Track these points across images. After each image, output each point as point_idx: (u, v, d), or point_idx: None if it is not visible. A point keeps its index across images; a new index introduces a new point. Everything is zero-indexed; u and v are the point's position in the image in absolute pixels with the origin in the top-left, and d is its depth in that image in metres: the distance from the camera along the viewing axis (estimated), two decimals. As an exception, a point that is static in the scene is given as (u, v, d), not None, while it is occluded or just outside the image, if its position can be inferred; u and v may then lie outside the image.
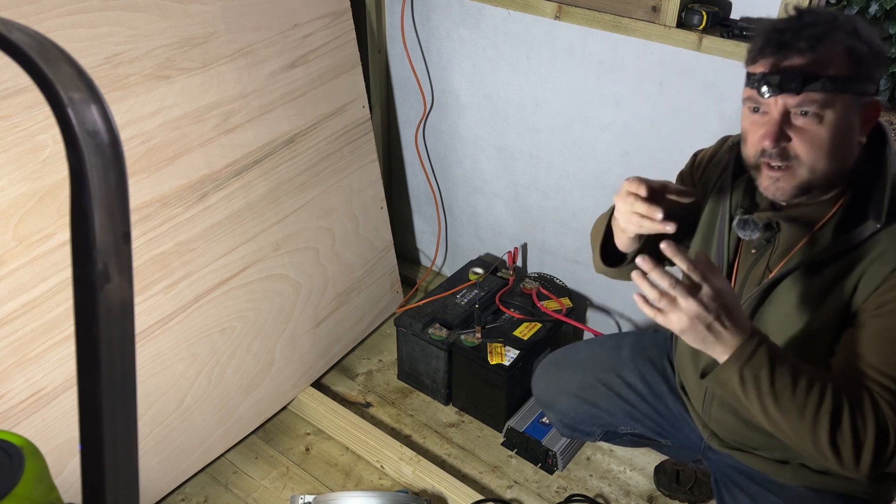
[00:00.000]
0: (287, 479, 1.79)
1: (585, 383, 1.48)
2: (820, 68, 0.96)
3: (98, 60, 1.40)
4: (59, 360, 1.42)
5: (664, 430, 1.44)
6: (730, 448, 1.29)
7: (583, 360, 1.52)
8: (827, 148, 0.98)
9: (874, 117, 1.02)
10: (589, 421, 1.49)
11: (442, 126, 2.17)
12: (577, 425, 1.51)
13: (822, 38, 0.96)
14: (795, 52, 0.96)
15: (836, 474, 1.18)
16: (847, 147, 1.00)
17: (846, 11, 3.84)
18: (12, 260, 1.33)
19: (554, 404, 1.53)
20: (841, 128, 0.98)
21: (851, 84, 0.97)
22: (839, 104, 0.97)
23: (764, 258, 1.15)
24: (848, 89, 0.97)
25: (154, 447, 1.62)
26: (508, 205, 2.15)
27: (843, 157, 1.01)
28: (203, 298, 1.66)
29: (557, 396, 1.52)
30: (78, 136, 0.41)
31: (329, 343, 2.04)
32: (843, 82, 0.96)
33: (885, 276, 0.98)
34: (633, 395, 1.45)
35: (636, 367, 1.46)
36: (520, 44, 1.86)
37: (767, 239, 1.14)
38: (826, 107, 0.97)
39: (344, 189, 1.99)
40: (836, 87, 0.96)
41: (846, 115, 0.98)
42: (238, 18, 1.63)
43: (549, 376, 1.55)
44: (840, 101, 0.97)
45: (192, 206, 1.60)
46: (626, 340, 1.52)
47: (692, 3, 1.54)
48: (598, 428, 1.50)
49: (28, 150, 1.32)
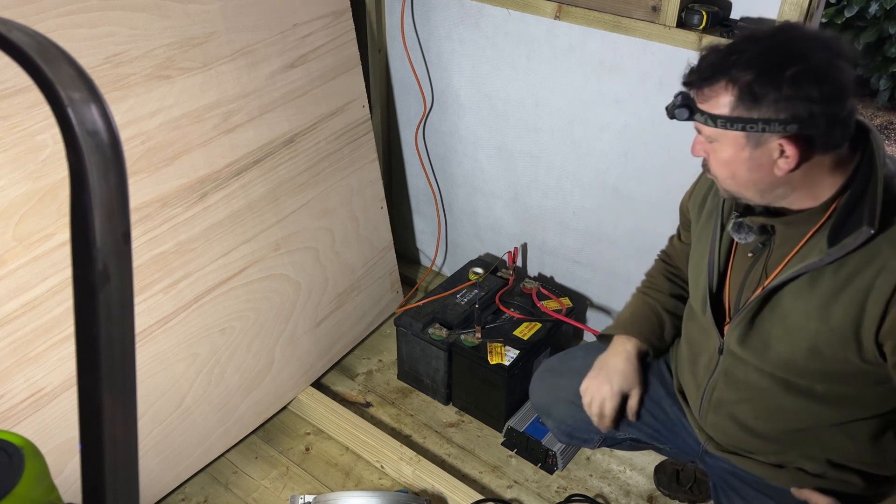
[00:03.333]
0: (287, 479, 1.79)
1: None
2: (705, 103, 1.00)
3: (98, 60, 1.40)
4: (59, 360, 1.42)
5: (661, 434, 1.44)
6: (726, 452, 1.29)
7: (579, 367, 1.50)
8: (733, 171, 1.02)
9: (802, 151, 0.97)
10: (587, 428, 1.48)
11: (442, 126, 2.17)
12: (575, 432, 1.51)
13: (713, 75, 0.99)
14: (692, 85, 1.02)
15: (831, 477, 1.18)
16: (764, 174, 1.00)
17: (846, 11, 3.83)
18: (12, 260, 1.33)
19: (552, 412, 1.52)
20: (736, 160, 1.01)
21: (735, 123, 0.97)
22: (726, 139, 1.00)
23: (760, 261, 1.14)
24: (732, 128, 0.98)
25: (154, 447, 1.62)
26: (508, 205, 2.15)
27: (759, 181, 1.02)
28: (203, 298, 1.66)
29: (555, 404, 1.51)
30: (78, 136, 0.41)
31: (329, 343, 2.04)
32: (724, 121, 0.98)
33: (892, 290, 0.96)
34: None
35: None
36: (520, 44, 1.86)
37: (763, 242, 1.13)
38: (713, 139, 1.02)
39: (344, 189, 1.99)
40: (719, 125, 0.99)
41: (739, 149, 1.00)
42: (238, 18, 1.63)
43: (546, 384, 1.54)
44: (726, 136, 1.00)
45: (192, 206, 1.60)
46: None
47: (692, 3, 1.54)
48: (596, 434, 1.49)
49: (28, 150, 1.32)
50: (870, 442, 1.15)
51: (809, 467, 1.20)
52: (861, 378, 1.08)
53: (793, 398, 1.15)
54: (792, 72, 0.92)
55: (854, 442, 1.14)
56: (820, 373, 1.10)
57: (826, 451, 1.18)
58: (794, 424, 1.18)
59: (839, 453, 1.17)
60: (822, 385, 1.12)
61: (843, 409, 1.13)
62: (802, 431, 1.18)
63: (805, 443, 1.19)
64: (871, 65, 4.02)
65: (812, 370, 1.10)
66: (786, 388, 1.15)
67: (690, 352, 1.34)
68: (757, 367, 1.17)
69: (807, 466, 1.20)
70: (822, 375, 1.10)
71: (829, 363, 1.07)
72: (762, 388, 1.18)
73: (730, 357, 1.21)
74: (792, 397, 1.15)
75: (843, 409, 1.13)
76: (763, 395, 1.18)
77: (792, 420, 1.17)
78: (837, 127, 0.96)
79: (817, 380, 1.11)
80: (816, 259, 1.02)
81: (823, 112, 0.94)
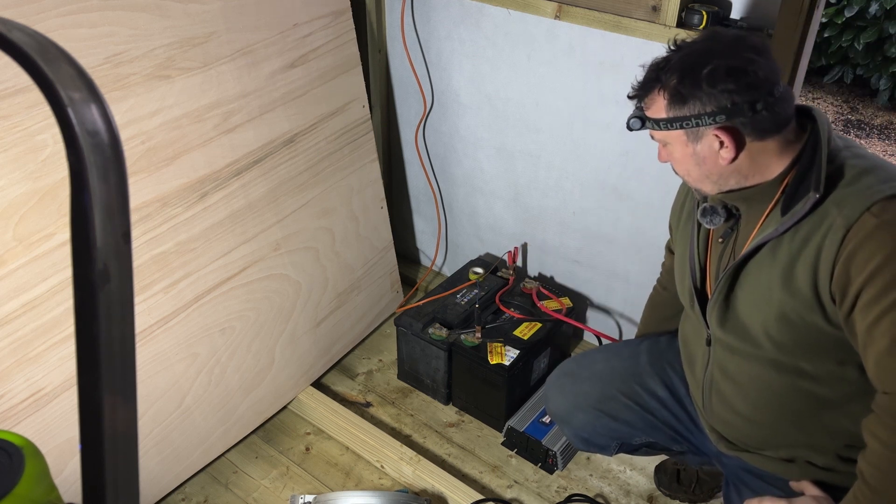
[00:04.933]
0: (287, 479, 1.79)
1: (605, 395, 1.47)
2: (647, 110, 1.12)
3: (98, 60, 1.40)
4: (59, 360, 1.42)
5: (681, 435, 1.45)
6: (737, 450, 1.30)
7: (600, 372, 1.50)
8: (687, 168, 1.13)
9: (737, 139, 1.07)
10: (606, 434, 1.48)
11: (442, 126, 2.17)
12: (593, 439, 1.50)
13: (647, 86, 1.11)
14: (634, 98, 1.15)
15: (840, 471, 1.19)
16: (711, 165, 1.10)
17: (846, 11, 3.83)
18: (12, 260, 1.33)
19: (571, 419, 1.51)
20: (686, 156, 1.11)
21: (674, 122, 1.08)
22: (672, 140, 1.11)
23: (730, 245, 1.20)
24: (672, 127, 1.08)
25: (154, 447, 1.62)
26: (508, 204, 2.15)
27: (710, 173, 1.11)
28: (203, 298, 1.66)
29: (574, 411, 1.50)
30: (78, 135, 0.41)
31: (329, 343, 2.04)
32: (665, 123, 1.09)
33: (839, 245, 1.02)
34: (654, 402, 1.45)
35: (656, 373, 1.46)
36: (520, 43, 1.85)
37: (731, 227, 1.19)
38: (665, 143, 1.14)
39: (344, 189, 1.99)
40: (661, 127, 1.10)
41: (684, 146, 1.10)
42: (238, 18, 1.63)
43: (565, 390, 1.53)
44: (671, 137, 1.11)
45: (192, 206, 1.60)
46: (643, 347, 1.52)
47: (692, 3, 1.54)
48: (614, 441, 1.49)
49: (28, 150, 1.32)
50: None
51: (819, 461, 1.21)
52: (838, 349, 1.10)
53: (785, 380, 1.17)
54: (708, 70, 1.03)
55: (855, 423, 1.15)
56: (798, 346, 1.13)
57: (832, 438, 1.19)
58: (792, 408, 1.19)
59: (845, 439, 1.18)
60: (807, 363, 1.14)
61: (835, 388, 1.15)
62: (803, 417, 1.19)
63: (807, 430, 1.20)
64: (871, 65, 4.02)
65: (788, 343, 1.13)
66: (776, 369, 1.17)
67: (687, 352, 1.37)
68: (743, 352, 1.20)
69: (816, 460, 1.21)
70: (802, 349, 1.13)
71: (802, 333, 1.11)
72: (754, 377, 1.20)
73: (718, 346, 1.24)
74: (783, 379, 1.17)
75: (834, 387, 1.15)
76: (756, 383, 1.20)
77: (789, 404, 1.19)
78: (763, 113, 1.04)
79: (799, 355, 1.14)
80: (773, 229, 1.08)
81: (744, 101, 1.03)
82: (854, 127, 4.01)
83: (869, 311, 1.00)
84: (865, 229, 0.99)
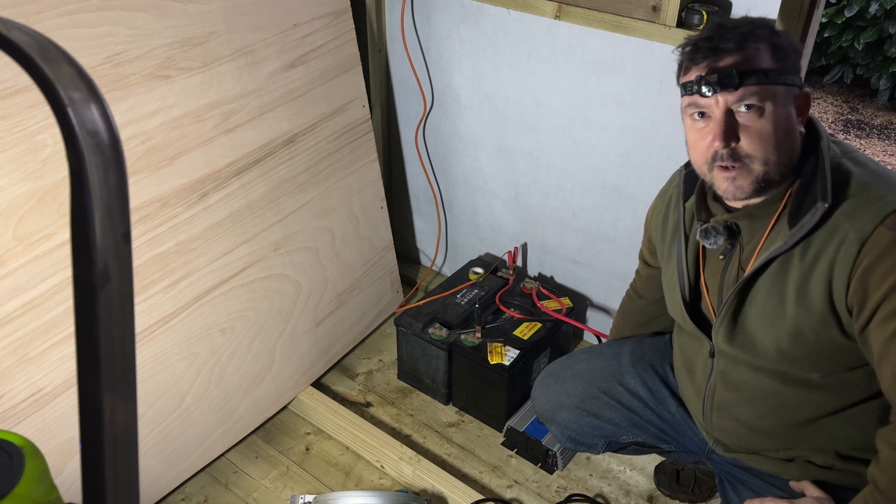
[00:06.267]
0: (287, 479, 1.79)
1: (587, 394, 1.48)
2: (751, 63, 1.02)
3: (98, 60, 1.39)
4: (59, 360, 1.42)
5: (667, 434, 1.45)
6: (735, 452, 1.30)
7: (582, 371, 1.51)
8: (774, 139, 1.03)
9: (807, 107, 1.08)
10: (592, 433, 1.48)
11: (442, 126, 2.17)
12: (580, 437, 1.51)
13: (748, 36, 1.03)
14: (726, 53, 1.03)
15: (841, 469, 1.19)
16: (791, 136, 1.05)
17: (846, 11, 3.83)
18: (12, 260, 1.33)
19: (556, 418, 1.52)
20: (781, 117, 1.04)
21: (781, 76, 1.03)
22: (775, 95, 1.03)
23: (734, 260, 1.17)
24: (779, 80, 1.03)
25: (154, 447, 1.62)
26: (508, 204, 2.15)
27: (789, 146, 1.06)
28: (203, 298, 1.66)
29: (559, 410, 1.51)
30: (78, 135, 0.41)
31: (329, 343, 2.04)
32: (774, 74, 1.03)
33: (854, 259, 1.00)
34: (635, 401, 1.45)
35: (637, 373, 1.46)
36: (520, 43, 1.86)
37: (732, 244, 1.17)
38: (765, 98, 1.02)
39: (344, 189, 1.99)
40: (770, 80, 1.02)
41: (783, 105, 1.04)
42: (238, 18, 1.63)
43: (550, 389, 1.54)
44: (775, 92, 1.03)
45: (192, 206, 1.60)
46: (625, 347, 1.52)
47: (692, 3, 1.54)
48: (600, 440, 1.49)
49: (28, 149, 1.32)
50: (875, 427, 1.15)
51: (818, 460, 1.20)
52: (851, 358, 1.10)
53: (792, 391, 1.16)
54: (781, 30, 1.03)
55: (860, 428, 1.15)
56: (809, 358, 1.11)
57: (834, 441, 1.18)
58: (798, 417, 1.18)
59: (847, 442, 1.17)
60: (816, 373, 1.13)
61: (843, 395, 1.14)
62: (808, 424, 1.18)
63: (812, 435, 1.19)
64: (871, 65, 4.02)
65: (801, 356, 1.11)
66: (783, 381, 1.16)
67: (685, 359, 1.35)
68: (750, 364, 1.18)
69: (816, 459, 1.20)
70: (813, 361, 1.12)
71: (815, 346, 1.09)
72: (760, 387, 1.19)
73: (722, 358, 1.23)
74: (791, 390, 1.16)
75: (842, 394, 1.14)
76: (762, 393, 1.19)
77: (795, 413, 1.18)
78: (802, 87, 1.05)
79: (809, 367, 1.12)
80: (781, 243, 1.06)
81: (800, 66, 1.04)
82: (854, 127, 4.01)
83: (886, 326, 0.99)
84: (881, 244, 0.98)
